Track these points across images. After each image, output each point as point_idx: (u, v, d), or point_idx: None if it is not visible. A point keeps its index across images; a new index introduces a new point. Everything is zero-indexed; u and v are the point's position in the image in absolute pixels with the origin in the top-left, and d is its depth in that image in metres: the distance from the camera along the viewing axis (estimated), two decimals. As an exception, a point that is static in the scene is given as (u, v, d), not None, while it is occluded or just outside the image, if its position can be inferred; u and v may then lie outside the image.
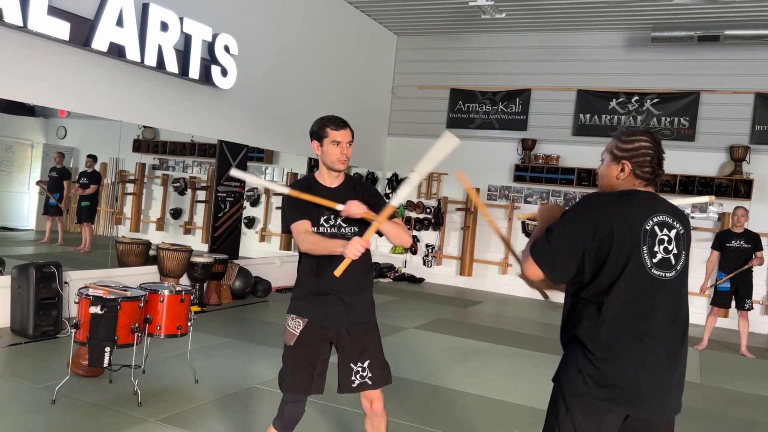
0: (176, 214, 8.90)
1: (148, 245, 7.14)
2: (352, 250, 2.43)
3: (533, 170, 10.29)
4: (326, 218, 2.73)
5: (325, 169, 2.78)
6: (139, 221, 8.63)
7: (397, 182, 11.20)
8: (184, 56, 6.80)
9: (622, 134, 2.12)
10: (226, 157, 7.93)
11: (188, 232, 8.82)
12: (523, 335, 7.28)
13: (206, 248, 7.89)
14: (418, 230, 11.07)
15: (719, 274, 7.19)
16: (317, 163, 2.83)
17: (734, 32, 8.59)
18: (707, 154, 9.37)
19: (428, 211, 11.07)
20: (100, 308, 3.84)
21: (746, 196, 9.00)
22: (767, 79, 9.07)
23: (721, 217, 9.22)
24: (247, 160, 8.28)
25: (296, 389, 2.71)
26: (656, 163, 2.07)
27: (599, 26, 9.84)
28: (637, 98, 9.79)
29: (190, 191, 8.81)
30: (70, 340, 4.04)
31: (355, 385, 2.75)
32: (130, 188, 8.52)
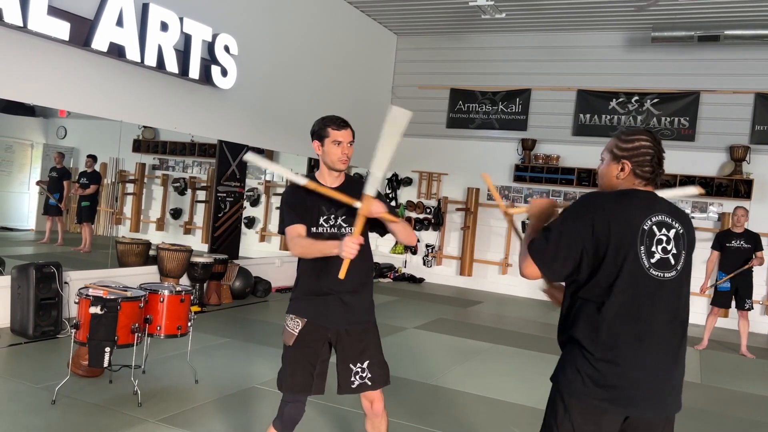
0: (176, 214, 8.90)
1: (148, 245, 7.14)
2: (347, 250, 2.43)
3: (533, 170, 10.29)
4: (326, 218, 2.72)
5: (325, 168, 2.78)
6: (139, 221, 8.64)
7: (397, 182, 11.20)
8: (184, 56, 6.80)
9: (622, 133, 2.11)
10: (226, 157, 7.93)
11: (188, 232, 8.83)
12: (523, 335, 7.27)
13: (206, 248, 7.89)
14: (418, 230, 11.06)
15: (719, 274, 7.19)
16: (317, 163, 2.84)
17: (734, 32, 8.60)
18: (707, 154, 9.37)
19: (428, 211, 11.07)
20: (100, 308, 3.84)
21: (746, 196, 9.00)
22: (767, 79, 9.07)
23: (721, 217, 9.22)
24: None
25: (295, 389, 2.71)
26: (656, 162, 2.06)
27: (599, 26, 9.84)
28: (637, 98, 9.79)
29: (190, 191, 8.82)
30: (70, 340, 4.04)
31: (354, 386, 2.74)
32: (130, 188, 8.52)
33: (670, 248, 1.99)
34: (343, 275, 2.46)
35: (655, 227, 1.99)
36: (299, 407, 2.77)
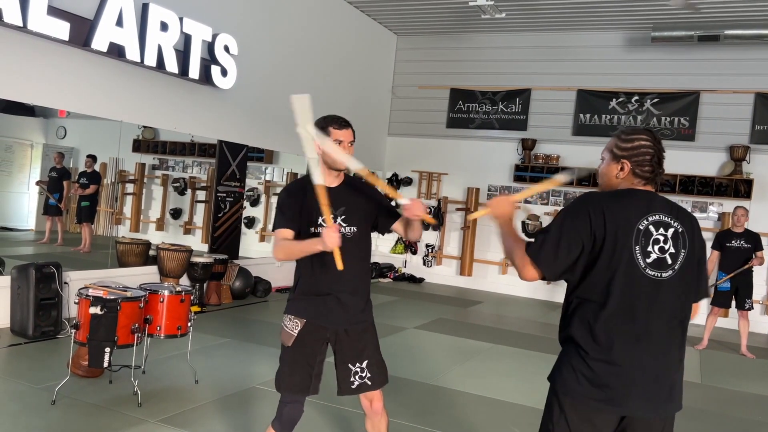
0: (176, 214, 8.89)
1: (147, 245, 7.14)
2: (329, 241, 2.43)
3: (533, 170, 10.28)
4: (325, 218, 2.72)
5: (325, 168, 2.77)
6: (138, 221, 8.63)
7: (397, 182, 11.20)
8: (183, 56, 6.80)
9: (622, 133, 2.11)
10: (226, 157, 7.93)
11: (188, 232, 8.82)
12: (523, 335, 7.27)
13: (206, 248, 7.88)
14: (418, 230, 11.04)
15: (719, 273, 7.20)
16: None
17: (734, 32, 8.60)
18: (707, 153, 9.37)
19: (428, 211, 11.05)
20: (100, 309, 3.84)
21: (746, 195, 9.00)
22: (767, 78, 9.07)
23: (721, 217, 9.22)
24: (247, 159, 8.28)
25: (294, 389, 2.71)
26: (656, 162, 2.06)
27: (599, 26, 9.84)
28: (637, 98, 9.79)
29: (189, 191, 8.81)
30: (69, 340, 4.04)
31: (354, 386, 2.74)
32: (129, 188, 8.52)
33: (667, 248, 1.98)
34: (340, 266, 2.46)
35: (652, 227, 1.98)
36: (298, 407, 2.76)
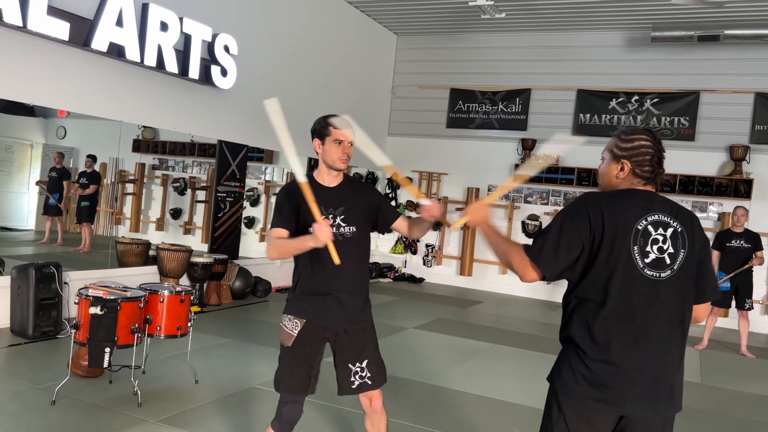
0: (176, 214, 8.89)
1: (147, 245, 7.13)
2: (320, 236, 2.44)
3: (533, 170, 10.25)
4: (325, 218, 2.72)
5: (324, 168, 2.77)
6: (138, 221, 8.63)
7: (397, 182, 11.19)
8: (183, 56, 6.80)
9: (622, 133, 2.11)
10: (225, 157, 7.93)
11: (188, 232, 8.82)
12: (523, 335, 7.27)
13: (206, 248, 7.88)
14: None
15: (719, 273, 7.19)
16: (317, 163, 2.83)
17: (734, 32, 8.59)
18: (707, 153, 9.37)
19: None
20: (99, 309, 3.84)
21: (746, 195, 9.00)
22: (767, 78, 9.07)
23: (721, 216, 9.22)
24: (247, 159, 8.28)
25: (294, 389, 2.71)
26: (656, 162, 2.06)
27: (599, 26, 9.84)
28: (637, 98, 9.79)
29: (189, 191, 8.81)
30: (69, 340, 4.04)
31: (355, 386, 2.75)
32: (129, 188, 8.51)
33: (666, 248, 1.98)
34: (337, 260, 2.46)
35: (650, 227, 1.98)
36: (297, 407, 2.76)
